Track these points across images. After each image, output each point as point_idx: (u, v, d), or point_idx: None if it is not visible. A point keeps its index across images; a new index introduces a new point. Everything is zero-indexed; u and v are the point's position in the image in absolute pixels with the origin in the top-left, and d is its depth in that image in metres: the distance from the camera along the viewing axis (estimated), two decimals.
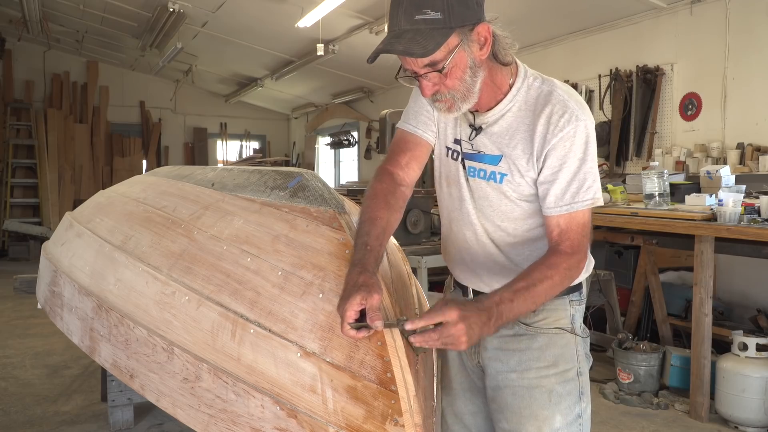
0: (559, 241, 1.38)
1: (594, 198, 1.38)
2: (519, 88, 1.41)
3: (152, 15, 8.09)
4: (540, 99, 1.40)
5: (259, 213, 1.66)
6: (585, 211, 1.38)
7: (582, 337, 1.54)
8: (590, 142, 1.38)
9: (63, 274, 2.22)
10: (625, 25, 5.52)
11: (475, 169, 1.48)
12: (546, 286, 1.32)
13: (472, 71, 1.33)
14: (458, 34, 1.28)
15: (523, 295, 1.29)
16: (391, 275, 1.56)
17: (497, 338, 1.51)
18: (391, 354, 1.20)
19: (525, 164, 1.40)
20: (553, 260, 1.35)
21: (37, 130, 10.68)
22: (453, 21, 1.26)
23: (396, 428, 1.15)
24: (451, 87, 1.34)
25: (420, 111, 1.56)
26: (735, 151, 4.57)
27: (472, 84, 1.34)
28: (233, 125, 13.12)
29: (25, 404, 3.74)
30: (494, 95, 1.42)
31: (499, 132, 1.43)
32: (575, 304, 1.54)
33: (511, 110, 1.42)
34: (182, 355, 1.48)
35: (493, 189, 1.46)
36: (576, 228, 1.37)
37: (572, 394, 1.49)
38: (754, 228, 3.22)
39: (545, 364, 1.48)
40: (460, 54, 1.30)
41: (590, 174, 1.37)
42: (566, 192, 1.37)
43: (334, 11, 6.50)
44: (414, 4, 1.27)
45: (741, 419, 3.37)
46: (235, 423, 1.35)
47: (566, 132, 1.36)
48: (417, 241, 4.82)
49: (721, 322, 4.17)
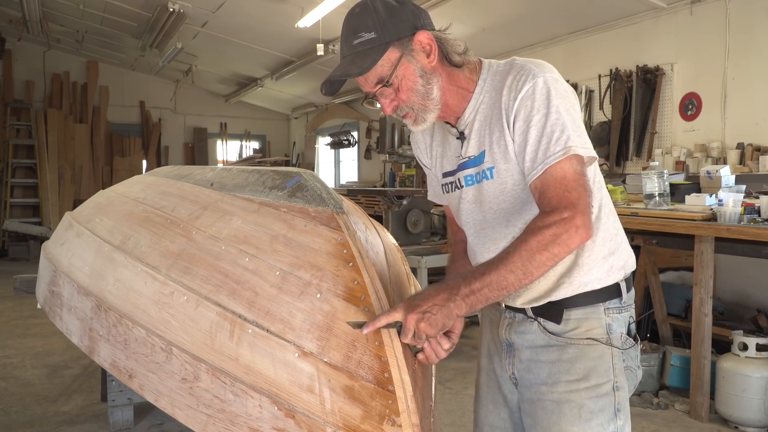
0: (539, 204, 1.28)
1: (566, 147, 1.25)
2: (485, 79, 1.40)
3: (152, 15, 8.09)
4: (502, 76, 1.37)
5: (258, 213, 1.65)
6: (562, 163, 1.25)
7: (620, 349, 1.41)
8: (552, 95, 1.28)
9: (62, 274, 2.22)
10: (625, 25, 5.52)
11: (471, 176, 1.44)
12: (521, 250, 1.21)
13: (423, 80, 1.34)
14: (397, 47, 1.32)
15: (496, 266, 1.21)
16: (390, 275, 1.56)
17: (530, 348, 1.45)
18: (388, 354, 1.20)
19: (503, 142, 1.35)
20: (530, 224, 1.26)
21: (37, 130, 10.69)
22: (387, 36, 1.31)
23: (393, 428, 1.15)
24: (405, 100, 1.36)
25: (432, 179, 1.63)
26: (735, 151, 4.57)
27: (426, 92, 1.35)
28: (233, 125, 13.12)
29: (25, 404, 3.74)
30: (464, 97, 1.41)
31: (479, 127, 1.40)
32: (612, 313, 1.41)
33: (484, 101, 1.39)
34: (181, 355, 1.48)
35: (489, 188, 1.40)
36: (554, 183, 1.25)
37: (606, 410, 1.38)
38: (754, 228, 3.22)
39: (575, 377, 1.39)
40: (404, 66, 1.33)
41: (557, 125, 1.27)
42: (537, 152, 1.28)
43: (334, 11, 6.50)
44: (350, 31, 1.34)
45: (741, 419, 3.37)
46: (233, 423, 1.35)
47: (525, 91, 1.30)
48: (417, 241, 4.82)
49: (721, 322, 4.16)
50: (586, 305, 1.40)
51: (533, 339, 1.45)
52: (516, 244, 1.24)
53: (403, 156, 5.21)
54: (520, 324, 1.47)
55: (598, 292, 1.40)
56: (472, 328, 5.36)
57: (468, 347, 4.90)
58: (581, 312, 1.40)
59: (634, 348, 1.44)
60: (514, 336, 1.48)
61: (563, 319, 1.41)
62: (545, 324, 1.43)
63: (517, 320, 1.48)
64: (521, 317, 1.47)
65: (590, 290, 1.40)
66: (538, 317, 1.44)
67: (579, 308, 1.40)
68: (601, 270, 1.40)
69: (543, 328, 1.43)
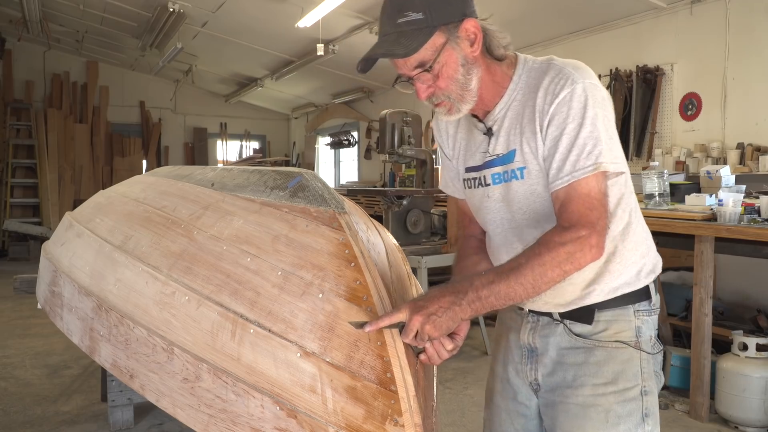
0: (558, 215, 1.26)
1: (596, 163, 1.23)
2: (520, 75, 1.35)
3: (152, 15, 8.09)
4: (539, 75, 1.33)
5: (259, 213, 1.65)
6: (589, 179, 1.24)
7: (650, 353, 1.39)
8: (590, 105, 1.25)
9: (63, 274, 2.22)
10: (625, 25, 5.52)
11: (499, 175, 1.39)
12: (534, 264, 1.20)
13: (464, 69, 1.30)
14: (443, 32, 1.26)
15: (507, 276, 1.21)
16: (391, 275, 1.56)
17: (555, 351, 1.42)
18: (390, 354, 1.20)
19: (535, 144, 1.31)
20: (545, 236, 1.24)
21: (37, 130, 10.69)
22: (435, 19, 1.24)
23: (396, 428, 1.15)
24: (444, 88, 1.31)
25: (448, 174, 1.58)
26: (735, 151, 4.57)
27: (465, 83, 1.30)
28: (233, 125, 13.12)
29: (25, 404, 3.73)
30: (498, 91, 1.37)
31: (510, 125, 1.36)
32: (642, 315, 1.39)
33: (516, 98, 1.35)
34: (182, 355, 1.48)
35: (519, 188, 1.36)
36: (577, 199, 1.24)
37: (634, 415, 1.35)
38: (754, 228, 3.22)
39: (603, 380, 1.36)
40: (448, 52, 1.27)
41: (590, 139, 1.24)
42: (566, 162, 1.25)
43: (334, 11, 6.50)
44: (395, 8, 1.27)
45: (741, 419, 3.37)
46: (235, 423, 1.35)
47: (562, 97, 1.26)
48: (417, 241, 4.82)
49: (721, 322, 4.16)
50: (615, 307, 1.38)
51: (558, 341, 1.42)
52: (529, 257, 1.22)
53: (403, 156, 5.20)
54: (544, 327, 1.45)
55: (627, 295, 1.38)
56: (473, 328, 5.37)
57: (468, 347, 4.90)
58: (610, 314, 1.38)
59: (660, 352, 1.42)
60: (538, 340, 1.45)
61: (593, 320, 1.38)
62: (572, 326, 1.40)
63: (541, 324, 1.45)
64: (546, 320, 1.44)
65: (620, 294, 1.38)
66: (564, 320, 1.41)
67: (609, 310, 1.38)
68: (631, 274, 1.38)
69: (569, 330, 1.41)
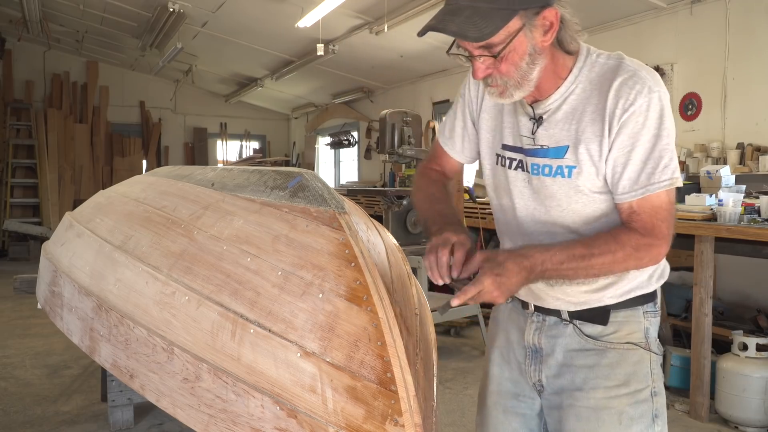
0: (630, 220, 1.25)
1: (672, 178, 1.21)
2: (581, 68, 1.27)
3: (152, 15, 8.09)
4: (607, 73, 1.25)
5: (259, 213, 1.66)
6: (661, 192, 1.22)
7: (658, 354, 1.39)
8: (665, 116, 1.22)
9: (63, 274, 2.22)
10: (625, 25, 5.52)
11: (539, 167, 1.32)
12: (606, 260, 1.21)
13: (530, 58, 1.21)
14: (521, 17, 1.16)
15: (577, 262, 1.20)
16: (391, 275, 1.56)
17: (562, 353, 1.39)
18: (390, 354, 1.20)
19: (597, 148, 1.24)
20: (621, 235, 1.23)
21: (37, 130, 10.69)
22: (517, 2, 1.14)
23: (396, 428, 1.15)
24: (505, 73, 1.21)
25: (454, 128, 1.52)
26: (735, 151, 4.57)
27: (528, 71, 1.22)
28: (233, 125, 13.12)
29: (25, 404, 3.73)
30: (555, 82, 1.28)
31: (563, 118, 1.28)
32: (650, 316, 1.39)
33: (575, 92, 1.27)
34: (182, 355, 1.48)
35: (561, 186, 1.30)
36: (650, 210, 1.23)
37: (645, 417, 1.35)
38: (754, 228, 3.22)
39: (615, 383, 1.34)
40: (520, 39, 1.17)
41: (666, 151, 1.21)
42: (641, 174, 1.22)
43: (334, 11, 6.50)
44: None
45: (741, 419, 3.37)
46: (235, 423, 1.35)
47: (638, 105, 1.20)
48: (417, 241, 4.82)
49: (721, 322, 4.17)
50: (626, 308, 1.37)
51: (567, 343, 1.40)
52: (603, 249, 1.22)
53: (403, 156, 5.20)
54: (551, 327, 1.42)
55: (639, 298, 1.38)
56: (473, 328, 5.37)
57: (468, 347, 4.91)
58: (621, 315, 1.37)
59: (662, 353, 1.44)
60: (545, 340, 1.43)
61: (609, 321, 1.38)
62: (582, 327, 1.38)
63: (548, 323, 1.42)
64: (553, 320, 1.42)
65: (632, 297, 1.38)
66: (573, 320, 1.39)
67: (620, 311, 1.37)
68: (644, 278, 1.38)
69: (580, 331, 1.38)
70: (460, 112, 1.51)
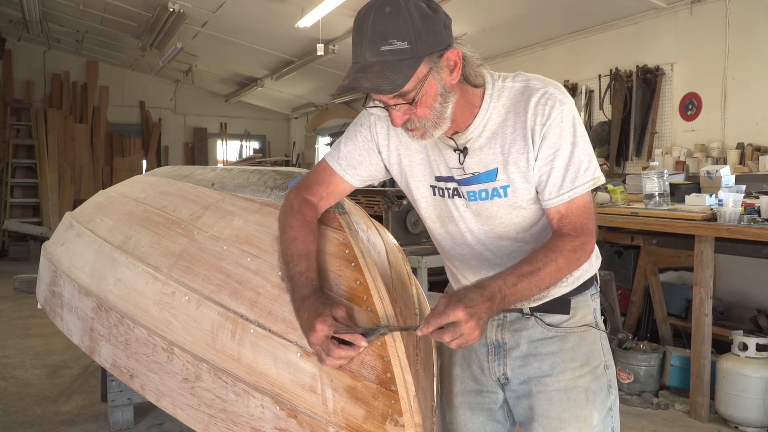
0: (560, 225, 1.35)
1: (594, 178, 1.34)
2: (491, 95, 1.35)
3: (152, 15, 8.09)
4: (518, 95, 1.35)
5: (259, 213, 1.66)
6: (585, 193, 1.34)
7: (604, 331, 1.53)
8: (577, 123, 1.33)
9: (63, 274, 2.22)
10: (625, 25, 5.52)
11: (475, 193, 1.41)
12: (551, 270, 1.29)
13: (442, 98, 1.28)
14: (427, 62, 1.23)
15: (528, 280, 1.26)
16: (391, 275, 1.56)
17: (526, 344, 1.49)
18: (391, 354, 1.20)
19: (525, 162, 1.34)
20: (556, 243, 1.32)
21: (37, 130, 10.69)
22: (421, 50, 1.20)
23: (396, 428, 1.15)
24: (422, 116, 1.28)
25: (353, 153, 1.49)
26: (735, 151, 4.57)
27: (442, 110, 1.29)
28: (233, 125, 13.12)
29: (25, 404, 3.74)
30: (471, 112, 1.36)
31: (487, 143, 1.37)
32: (595, 297, 1.53)
33: (491, 118, 1.36)
34: (182, 355, 1.48)
35: (500, 206, 1.40)
36: (577, 211, 1.34)
37: (603, 389, 1.49)
38: (754, 228, 3.23)
39: (579, 363, 1.47)
40: (430, 82, 1.24)
41: (584, 155, 1.33)
42: (564, 179, 1.33)
43: (334, 11, 6.49)
44: (379, 35, 1.20)
45: (741, 419, 3.37)
46: (235, 423, 1.35)
47: (554, 118, 1.31)
48: (417, 241, 4.82)
49: (721, 322, 4.17)
50: (579, 294, 1.50)
51: (530, 334, 1.49)
52: (546, 262, 1.29)
53: None
54: (513, 323, 1.51)
55: (586, 282, 1.51)
56: None
57: None
58: (575, 301, 1.49)
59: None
60: (508, 335, 1.51)
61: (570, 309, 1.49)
62: (543, 317, 1.48)
63: (509, 319, 1.51)
64: (514, 316, 1.50)
65: (582, 282, 1.50)
66: (534, 312, 1.48)
67: (575, 297, 1.49)
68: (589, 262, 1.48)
69: (542, 321, 1.49)
70: (362, 141, 1.50)
